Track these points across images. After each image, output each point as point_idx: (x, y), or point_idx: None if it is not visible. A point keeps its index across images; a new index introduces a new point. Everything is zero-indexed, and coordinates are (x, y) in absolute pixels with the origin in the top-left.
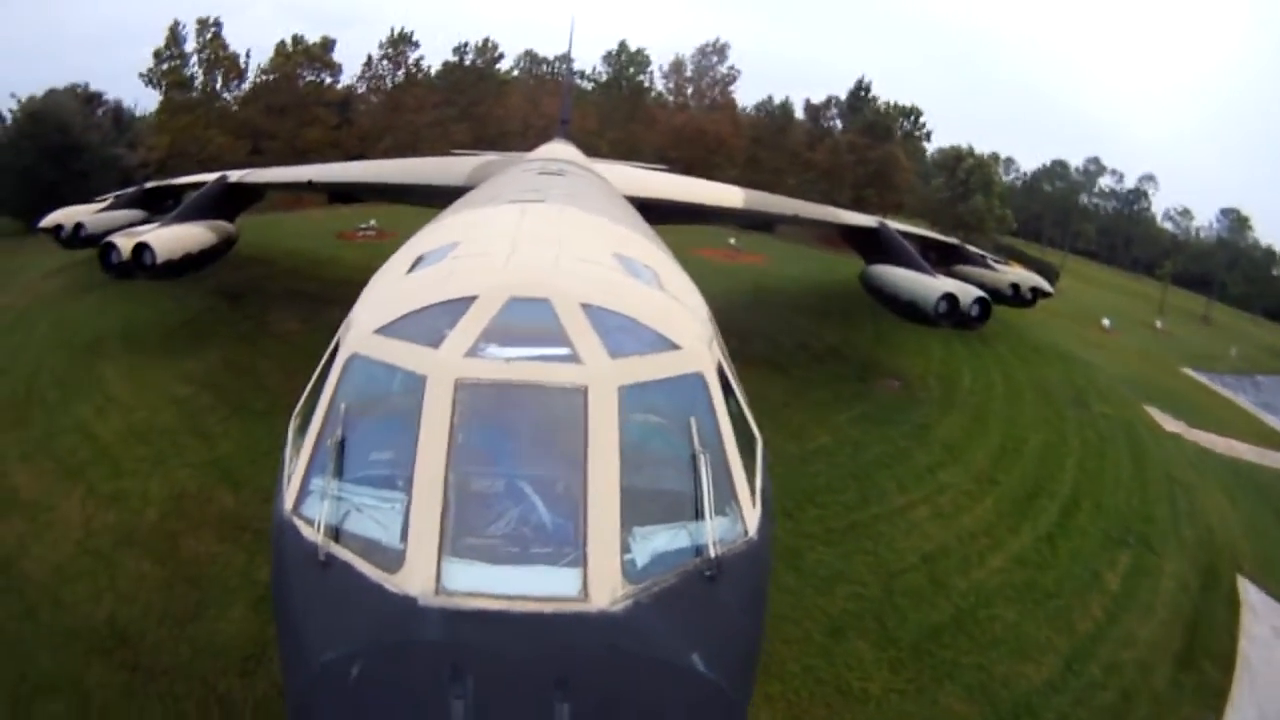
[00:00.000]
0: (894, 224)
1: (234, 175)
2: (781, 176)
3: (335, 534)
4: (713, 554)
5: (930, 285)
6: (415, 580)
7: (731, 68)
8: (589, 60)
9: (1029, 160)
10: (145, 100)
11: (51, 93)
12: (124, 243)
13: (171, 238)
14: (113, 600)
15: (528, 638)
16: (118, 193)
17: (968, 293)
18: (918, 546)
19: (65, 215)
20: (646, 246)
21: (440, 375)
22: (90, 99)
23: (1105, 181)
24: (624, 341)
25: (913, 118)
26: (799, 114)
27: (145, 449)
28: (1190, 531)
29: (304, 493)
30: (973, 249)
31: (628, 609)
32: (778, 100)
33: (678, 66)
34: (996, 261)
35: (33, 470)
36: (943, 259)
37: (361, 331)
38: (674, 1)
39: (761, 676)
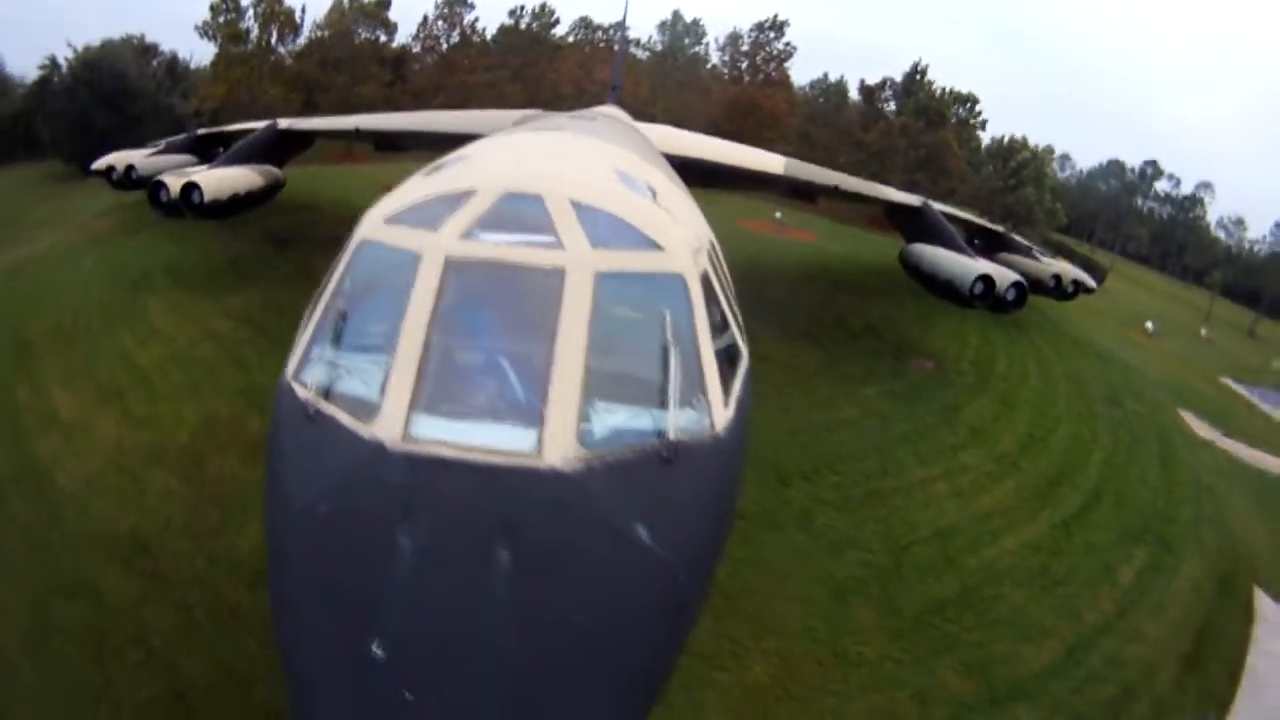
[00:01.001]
0: (939, 206)
1: (283, 122)
2: (833, 155)
3: (326, 394)
4: (671, 438)
5: (968, 266)
6: (385, 428)
7: (788, 44)
8: (644, 29)
9: (1085, 159)
10: (201, 54)
11: (108, 43)
12: (173, 181)
13: (219, 178)
14: (137, 513)
15: (479, 485)
16: (170, 139)
17: (1005, 276)
18: (932, 521)
19: (117, 158)
20: (656, 175)
21: (433, 253)
22: (146, 49)
23: (1161, 186)
24: (607, 236)
25: (968, 105)
26: (853, 94)
27: (182, 376)
28: (1211, 537)
29: (304, 360)
30: (1018, 239)
31: (578, 470)
32: (833, 79)
33: (734, 39)
34: (1041, 254)
35: (72, 392)
36: (988, 246)
37: (372, 220)
38: None
39: (759, 631)
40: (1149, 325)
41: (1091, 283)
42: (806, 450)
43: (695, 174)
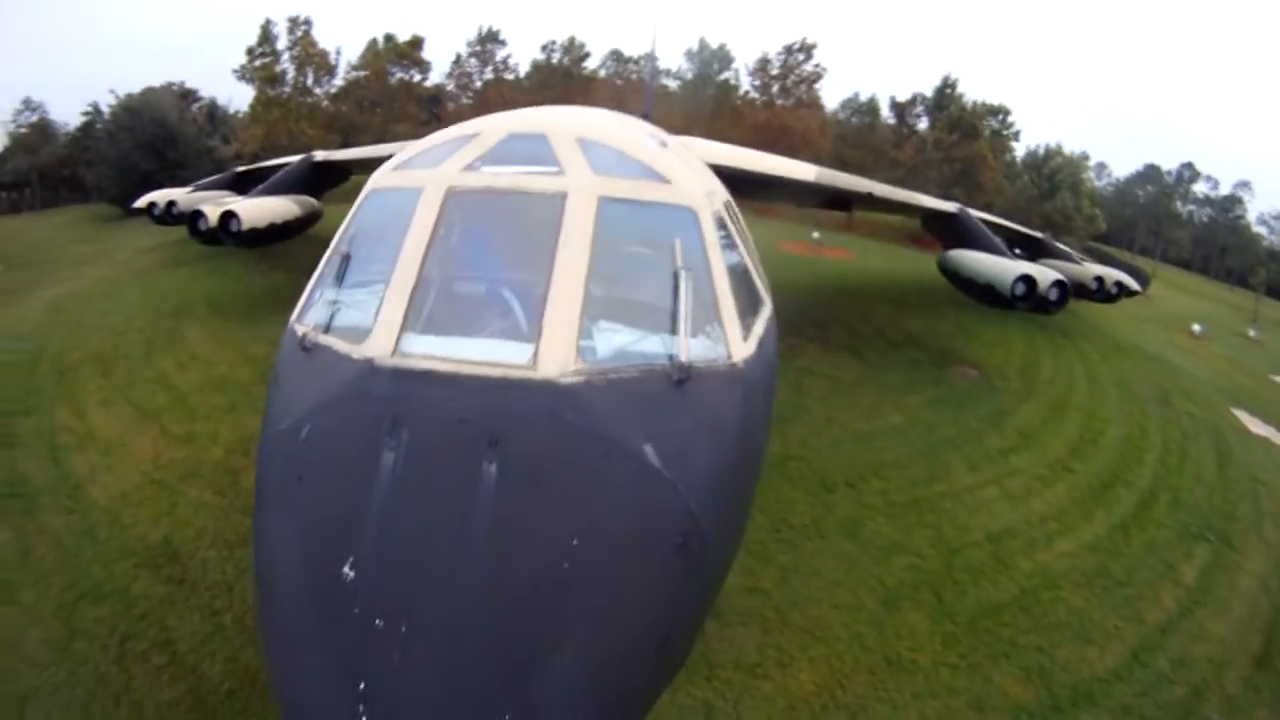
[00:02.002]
0: (976, 213)
1: (319, 154)
2: (867, 174)
3: (325, 329)
4: (683, 359)
5: (1007, 267)
6: (375, 346)
7: (817, 65)
8: (674, 59)
9: (1121, 167)
10: (239, 100)
11: (148, 90)
12: (211, 210)
13: (257, 207)
14: (170, 524)
15: (469, 397)
16: (210, 178)
17: (1046, 275)
18: (983, 525)
19: (159, 195)
20: (671, 140)
21: (435, 186)
22: (186, 95)
23: (1199, 188)
24: (612, 166)
25: (1000, 116)
26: (884, 111)
27: (220, 398)
28: (1274, 532)
29: (306, 304)
30: (1058, 245)
31: (576, 384)
32: (863, 98)
33: (763, 64)
34: (1082, 259)
35: (111, 413)
36: (1027, 253)
37: (380, 172)
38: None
39: (805, 639)
40: (1195, 328)
41: (1135, 285)
42: (851, 458)
43: (726, 183)
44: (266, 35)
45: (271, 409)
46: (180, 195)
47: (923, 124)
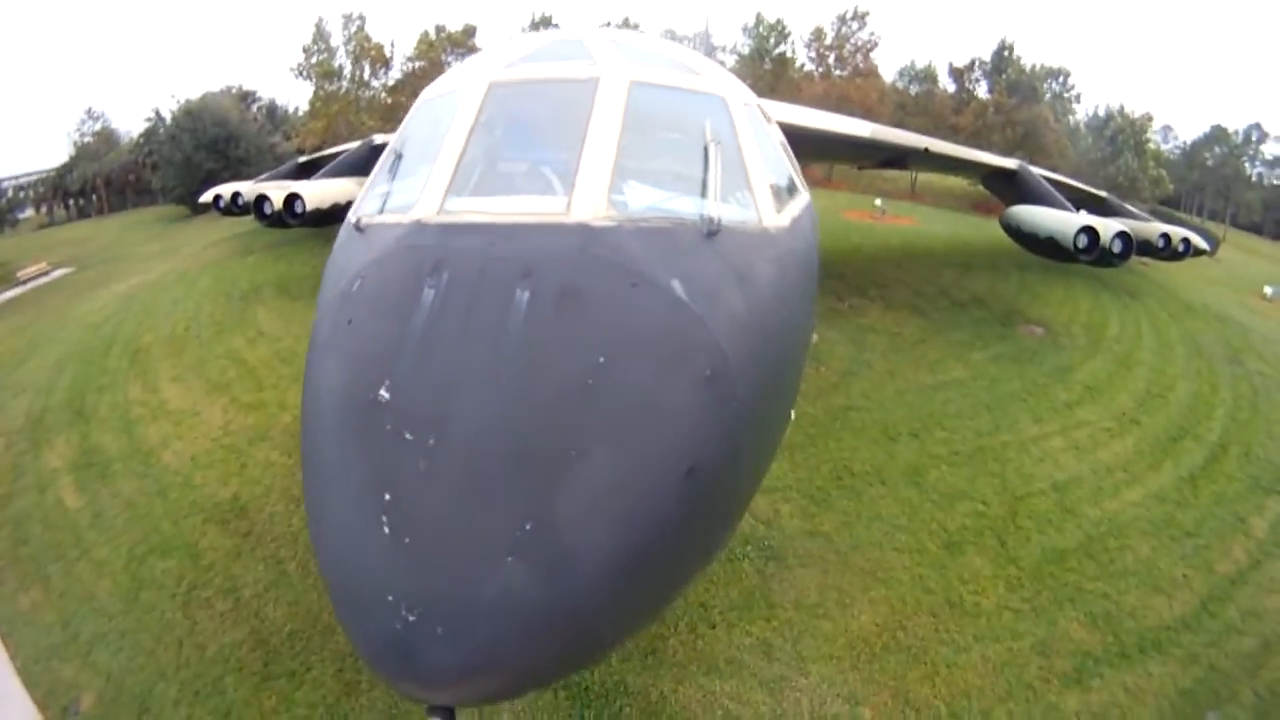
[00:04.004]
0: (1037, 170)
1: (379, 137)
2: None
3: (379, 212)
4: (713, 216)
5: (1070, 220)
6: (422, 209)
7: (872, 34)
8: (729, 35)
9: (1187, 131)
10: (298, 100)
11: (208, 94)
12: (276, 194)
13: (321, 188)
14: (239, 483)
15: (506, 240)
16: (273, 171)
17: (1108, 226)
18: (1048, 474)
19: (224, 188)
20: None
21: (478, 81)
22: (245, 96)
23: (1269, 149)
24: (644, 58)
25: (1061, 79)
26: (943, 77)
27: (287, 369)
28: None
29: (363, 199)
30: (1124, 205)
31: (607, 226)
32: (920, 65)
33: (818, 35)
34: (1148, 219)
35: (183, 387)
36: (1091, 212)
37: (426, 89)
38: None
39: (866, 581)
40: (1268, 290)
41: (1204, 244)
42: (914, 410)
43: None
44: (320, 33)
45: (326, 282)
46: (245, 187)
47: (982, 89)
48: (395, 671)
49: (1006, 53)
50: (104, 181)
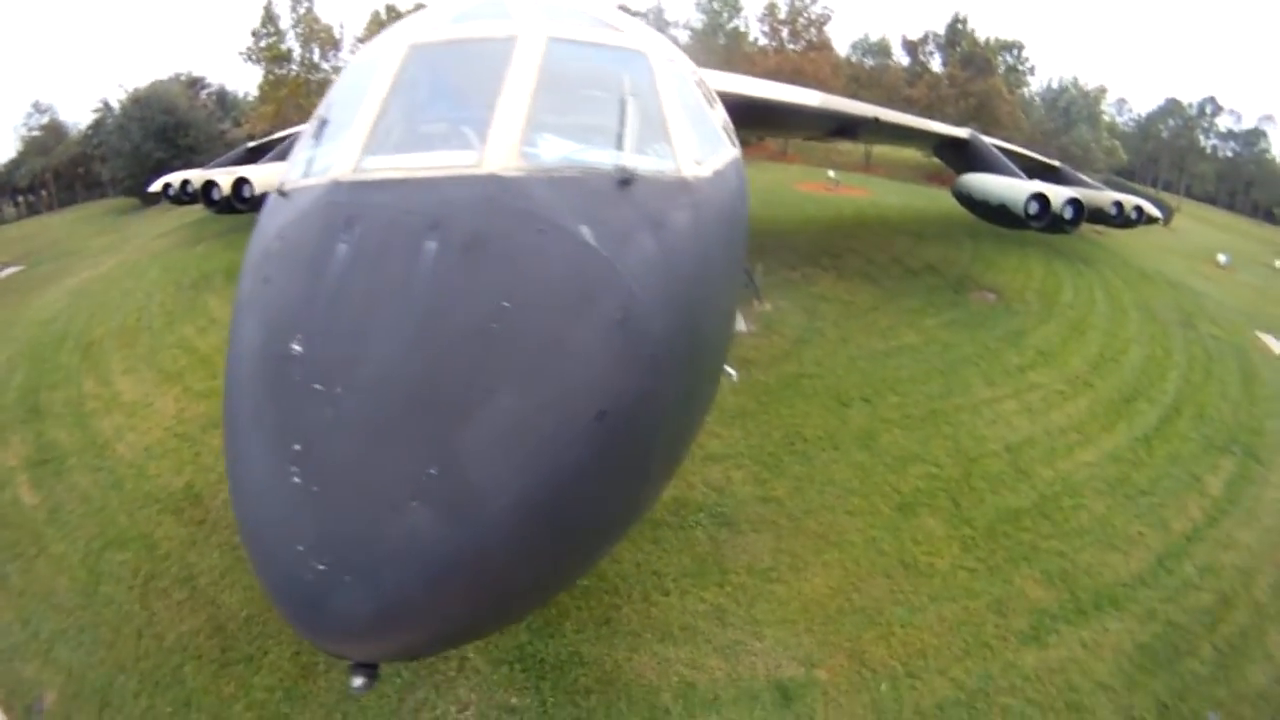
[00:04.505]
0: (988, 139)
1: None
2: None
3: (303, 176)
4: (627, 165)
5: (1020, 186)
6: (338, 169)
7: (826, 8)
8: (683, 9)
9: (1142, 104)
10: (247, 85)
11: (156, 82)
12: (224, 179)
13: (268, 172)
14: (192, 471)
15: (417, 193)
16: (222, 157)
17: (1059, 193)
18: (1001, 436)
19: (173, 176)
20: None
21: (398, 43)
22: (194, 83)
23: (1223, 122)
24: (566, 15)
25: (1014, 51)
26: (897, 51)
27: None
28: None
29: (290, 167)
30: (1077, 175)
31: (517, 176)
32: (874, 39)
33: (771, 9)
34: (1102, 188)
35: (135, 379)
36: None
37: (355, 54)
38: None
39: (819, 544)
40: (1221, 258)
41: (1156, 211)
42: (866, 375)
43: (732, 114)
44: (269, 15)
45: (249, 248)
46: (194, 174)
47: (935, 63)
48: (308, 623)
49: (960, 25)
50: (53, 175)
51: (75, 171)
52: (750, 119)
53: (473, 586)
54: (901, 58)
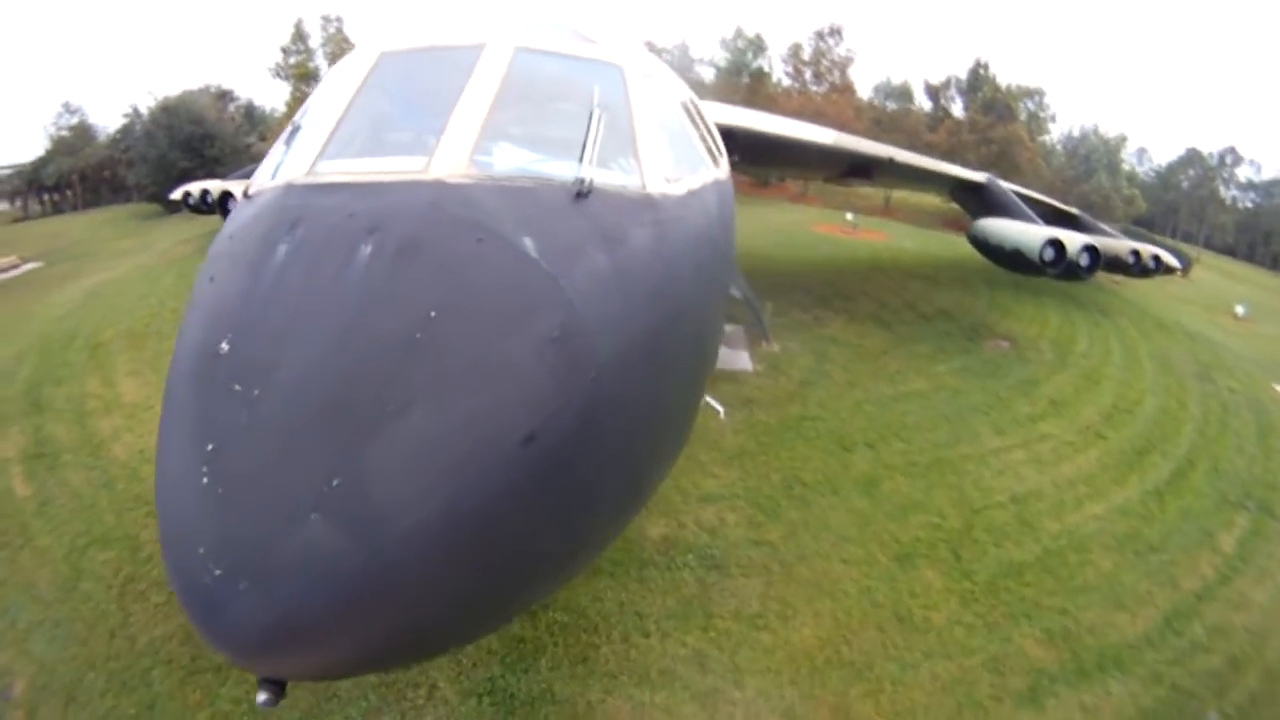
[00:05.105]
0: (1006, 184)
1: None
2: None
3: (270, 178)
4: (584, 178)
5: (1036, 232)
6: (292, 173)
7: (849, 50)
8: (708, 48)
9: (1162, 154)
10: (275, 101)
11: (186, 92)
12: (240, 190)
13: None
14: None
15: (362, 197)
16: (245, 169)
17: (1075, 240)
18: (1008, 487)
19: (194, 185)
20: None
21: (371, 50)
22: (222, 95)
23: (1243, 172)
24: (538, 28)
25: (1036, 98)
26: (919, 94)
27: None
28: None
29: (259, 171)
30: (1096, 223)
31: (463, 183)
32: (896, 82)
33: (795, 50)
34: (1119, 236)
35: (139, 381)
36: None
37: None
38: None
39: (811, 593)
40: (1239, 309)
41: (1174, 261)
42: (872, 420)
43: (743, 150)
44: (299, 33)
45: (210, 248)
46: (213, 185)
47: (957, 107)
48: (205, 625)
49: (982, 71)
50: (79, 177)
51: (101, 174)
52: (763, 155)
53: (376, 610)
54: (924, 102)
